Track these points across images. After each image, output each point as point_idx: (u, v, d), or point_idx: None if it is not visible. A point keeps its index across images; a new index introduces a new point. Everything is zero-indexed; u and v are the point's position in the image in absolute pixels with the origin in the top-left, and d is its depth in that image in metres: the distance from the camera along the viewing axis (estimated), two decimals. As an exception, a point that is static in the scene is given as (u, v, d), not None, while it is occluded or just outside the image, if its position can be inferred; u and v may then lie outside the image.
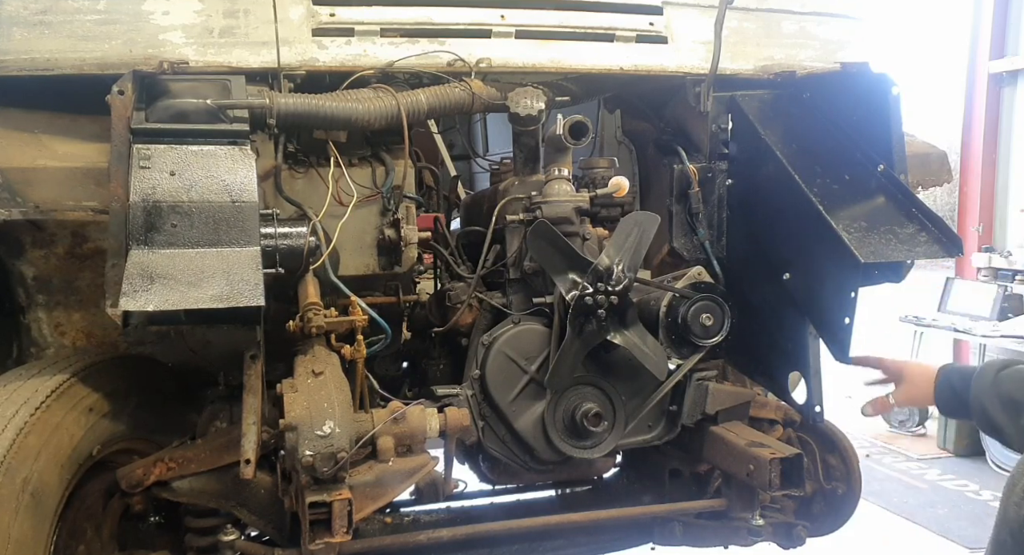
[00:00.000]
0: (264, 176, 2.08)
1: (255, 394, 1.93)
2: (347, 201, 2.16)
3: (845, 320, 2.02)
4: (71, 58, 1.90)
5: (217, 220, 1.80)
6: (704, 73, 2.31)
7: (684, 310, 2.11)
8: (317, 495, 1.72)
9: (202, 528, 2.07)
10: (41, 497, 1.75)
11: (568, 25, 2.25)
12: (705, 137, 2.42)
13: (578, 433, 2.17)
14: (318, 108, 2.00)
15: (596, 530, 2.49)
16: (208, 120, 1.88)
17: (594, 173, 2.49)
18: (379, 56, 2.10)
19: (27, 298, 2.32)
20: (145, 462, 1.99)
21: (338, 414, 1.75)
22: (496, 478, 2.43)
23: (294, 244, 2.00)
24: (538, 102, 2.18)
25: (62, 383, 1.90)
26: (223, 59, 1.98)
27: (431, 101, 2.13)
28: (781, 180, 2.15)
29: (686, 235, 2.44)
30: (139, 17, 1.94)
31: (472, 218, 2.72)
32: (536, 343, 2.18)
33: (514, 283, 2.29)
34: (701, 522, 2.46)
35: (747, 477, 2.14)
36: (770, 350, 2.34)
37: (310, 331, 1.95)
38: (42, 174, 1.87)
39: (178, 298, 1.70)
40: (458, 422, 1.99)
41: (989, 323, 6.03)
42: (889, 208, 2.08)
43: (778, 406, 2.43)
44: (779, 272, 2.21)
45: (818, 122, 2.30)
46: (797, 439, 2.49)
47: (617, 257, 2.03)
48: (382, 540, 2.16)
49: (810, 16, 2.45)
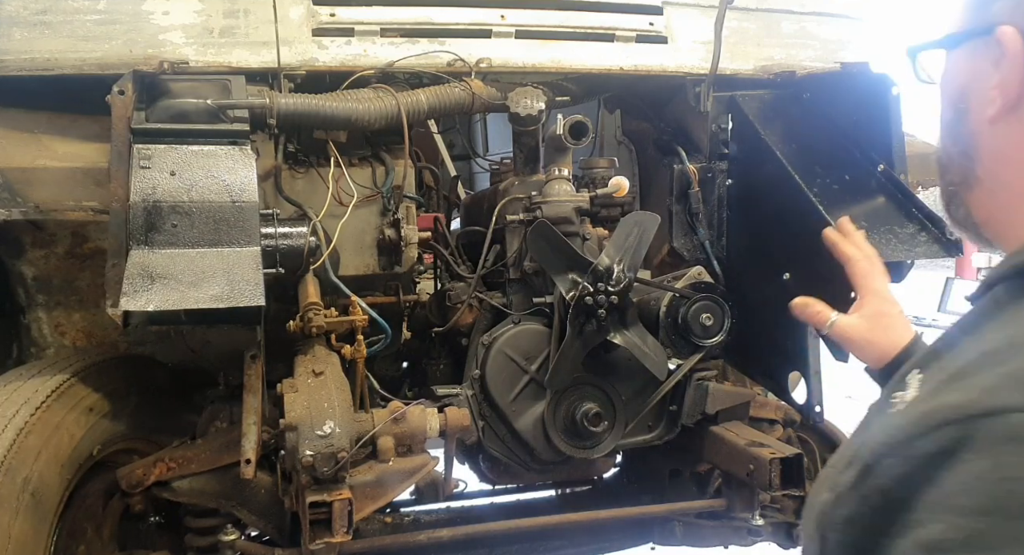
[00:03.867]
0: (264, 176, 2.08)
1: (255, 394, 1.93)
2: (347, 201, 2.16)
3: (845, 320, 2.01)
4: (71, 58, 1.90)
5: (217, 220, 1.80)
6: (704, 73, 2.31)
7: (684, 310, 2.11)
8: (317, 495, 1.72)
9: (202, 528, 2.07)
10: (41, 497, 1.75)
11: (568, 25, 2.25)
12: (705, 137, 2.42)
13: (578, 433, 2.17)
14: (318, 108, 2.00)
15: (596, 530, 2.49)
16: (208, 120, 1.88)
17: (594, 173, 2.49)
18: (379, 56, 2.10)
19: (27, 298, 2.32)
20: (145, 462, 1.99)
21: (338, 414, 1.75)
22: (496, 478, 2.43)
23: (294, 244, 2.00)
24: (538, 102, 2.18)
25: (62, 383, 1.90)
26: (223, 59, 1.98)
27: (431, 101, 2.13)
28: (781, 180, 2.15)
29: (686, 235, 2.44)
30: (139, 17, 1.94)
31: (472, 218, 2.72)
32: (536, 343, 2.18)
33: (514, 283, 2.29)
34: (701, 522, 2.46)
35: (747, 477, 2.14)
36: (770, 350, 2.34)
37: (310, 331, 1.95)
38: (42, 174, 1.87)
39: (178, 298, 1.70)
40: (458, 422, 1.99)
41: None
42: (889, 208, 2.08)
43: (778, 406, 2.43)
44: (779, 272, 2.20)
45: (818, 122, 2.30)
46: (797, 439, 2.49)
47: (617, 257, 2.03)
48: (382, 540, 2.16)
49: (810, 16, 2.45)
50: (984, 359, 0.61)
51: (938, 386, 0.63)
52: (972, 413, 0.56)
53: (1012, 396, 0.55)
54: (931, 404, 0.60)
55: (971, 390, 0.58)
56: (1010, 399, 0.55)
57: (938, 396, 0.61)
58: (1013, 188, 0.76)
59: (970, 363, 0.63)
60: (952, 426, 0.56)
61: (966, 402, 0.57)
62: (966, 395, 0.58)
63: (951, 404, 0.58)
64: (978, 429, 0.55)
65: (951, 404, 0.58)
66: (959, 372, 0.62)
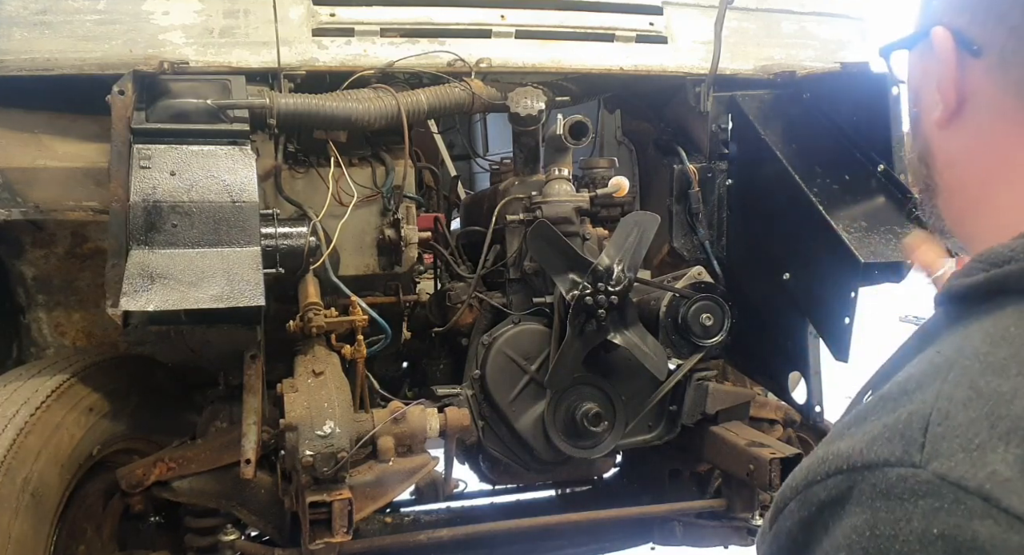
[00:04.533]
0: (264, 176, 2.08)
1: (255, 394, 1.93)
2: (347, 201, 2.16)
3: (845, 320, 2.02)
4: (71, 58, 1.90)
5: (217, 220, 1.80)
6: (704, 73, 2.31)
7: (684, 310, 2.11)
8: (317, 495, 1.72)
9: (202, 528, 2.07)
10: (41, 497, 1.75)
11: (568, 25, 2.25)
12: (705, 137, 2.42)
13: (578, 433, 2.16)
14: (318, 108, 2.00)
15: (596, 530, 2.49)
16: (208, 120, 1.88)
17: (594, 173, 2.49)
18: (379, 56, 2.10)
19: (27, 298, 2.32)
20: (145, 462, 1.99)
21: (338, 414, 1.75)
22: (496, 478, 2.44)
23: (294, 244, 2.00)
24: (538, 102, 2.18)
25: (62, 383, 1.90)
26: (223, 59, 1.98)
27: (431, 101, 2.13)
28: (781, 180, 2.15)
29: (686, 235, 2.44)
30: (139, 17, 1.94)
31: (472, 218, 2.72)
32: (536, 343, 2.18)
33: (514, 283, 2.29)
34: (701, 522, 2.45)
35: (747, 477, 2.14)
36: (770, 350, 2.34)
37: (310, 331, 1.95)
38: (42, 174, 1.87)
39: (178, 298, 1.70)
40: (458, 422, 1.99)
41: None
42: (889, 208, 2.08)
43: (778, 406, 2.43)
44: (779, 272, 2.21)
45: (818, 122, 2.30)
46: (797, 439, 2.49)
47: (617, 257, 2.03)
48: (382, 540, 2.16)
49: (810, 16, 2.45)
50: (879, 404, 0.60)
51: (846, 423, 0.62)
52: (855, 464, 0.56)
53: (888, 448, 0.54)
54: (828, 449, 0.59)
55: (858, 439, 0.57)
56: (886, 451, 0.54)
57: (836, 440, 0.60)
58: (966, 194, 0.73)
59: (868, 406, 0.61)
60: (841, 475, 0.56)
61: (852, 452, 0.56)
62: (853, 444, 0.57)
63: (841, 453, 0.57)
64: (859, 481, 0.55)
65: (841, 453, 0.57)
66: (859, 413, 0.61)
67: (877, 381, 0.71)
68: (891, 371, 0.69)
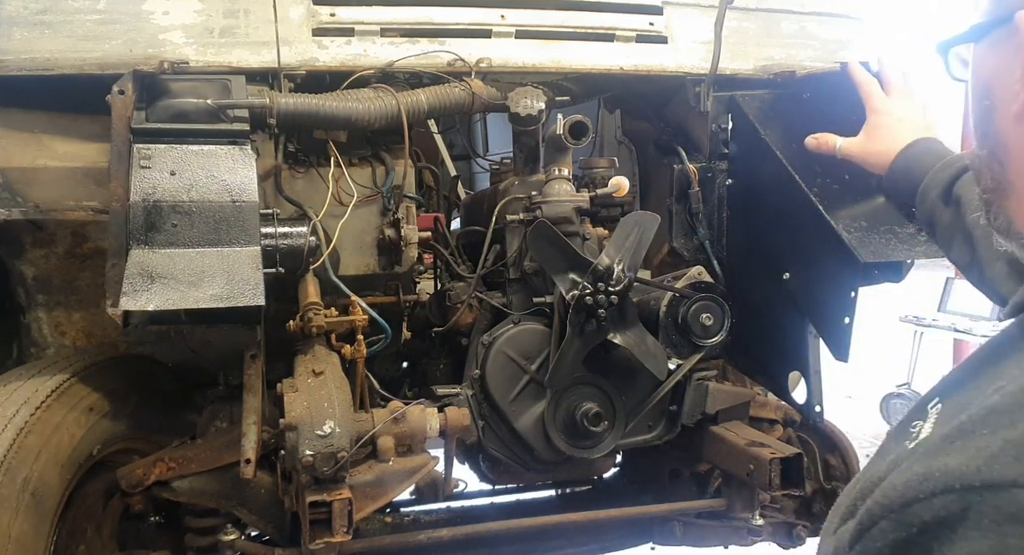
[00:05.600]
0: (264, 176, 2.08)
1: (255, 394, 1.93)
2: (347, 201, 2.16)
3: (845, 320, 2.02)
4: (71, 58, 1.90)
5: (217, 220, 1.80)
6: (704, 73, 2.31)
7: (684, 310, 2.11)
8: (317, 495, 1.72)
9: (202, 528, 2.07)
10: (41, 497, 1.75)
11: (568, 25, 2.25)
12: (705, 137, 2.42)
13: (578, 433, 2.17)
14: (318, 108, 2.00)
15: (596, 530, 2.49)
16: (208, 120, 1.88)
17: (594, 173, 2.49)
18: (379, 56, 2.10)
19: (27, 298, 2.31)
20: (145, 462, 1.99)
21: (338, 414, 1.75)
22: (496, 478, 2.43)
23: (294, 244, 2.00)
24: (538, 102, 2.18)
25: (62, 383, 1.90)
26: (223, 59, 1.98)
27: (431, 101, 2.13)
28: (781, 180, 2.15)
29: (686, 235, 2.44)
30: (139, 17, 1.94)
31: (472, 218, 2.72)
32: (536, 343, 2.18)
33: (514, 283, 2.29)
34: (701, 522, 2.45)
35: (747, 477, 2.14)
36: (770, 350, 2.34)
37: (310, 331, 1.95)
38: (42, 174, 1.87)
39: (178, 298, 1.70)
40: (458, 422, 1.99)
41: (989, 323, 6.03)
42: (889, 208, 2.08)
43: (778, 406, 2.43)
44: (779, 272, 2.21)
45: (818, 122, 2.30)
46: (797, 439, 2.49)
47: (617, 257, 2.03)
48: (382, 540, 2.16)
49: (810, 16, 2.45)
50: (992, 417, 0.54)
51: (946, 436, 0.57)
52: (973, 484, 0.51)
53: (1016, 467, 0.50)
54: (931, 465, 0.54)
55: (973, 455, 0.52)
56: (1013, 471, 0.49)
57: (939, 455, 0.55)
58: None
59: (976, 418, 0.56)
60: (950, 495, 0.51)
61: (966, 469, 0.51)
62: (967, 460, 0.52)
63: (951, 470, 0.52)
64: (979, 502, 0.50)
65: (951, 470, 0.52)
66: (964, 426, 0.56)
67: (944, 390, 0.66)
68: (961, 381, 0.65)
